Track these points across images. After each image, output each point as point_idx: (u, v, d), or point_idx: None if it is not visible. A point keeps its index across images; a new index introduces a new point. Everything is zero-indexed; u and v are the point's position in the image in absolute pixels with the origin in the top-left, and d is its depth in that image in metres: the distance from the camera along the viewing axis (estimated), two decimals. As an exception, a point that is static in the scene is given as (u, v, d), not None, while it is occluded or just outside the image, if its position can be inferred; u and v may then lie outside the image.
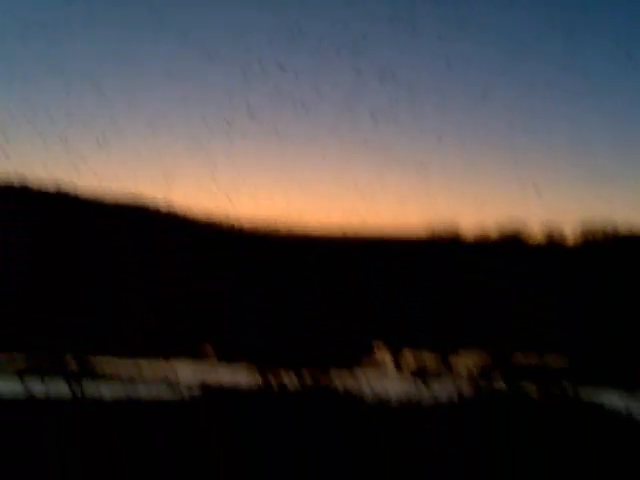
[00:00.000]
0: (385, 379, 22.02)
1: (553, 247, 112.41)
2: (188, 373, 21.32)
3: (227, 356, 26.23)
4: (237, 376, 21.22)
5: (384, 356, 28.42)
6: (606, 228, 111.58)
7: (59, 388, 16.03)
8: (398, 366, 25.28)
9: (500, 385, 21.38)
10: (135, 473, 10.49)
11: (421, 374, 23.05)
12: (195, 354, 26.38)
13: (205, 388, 18.73)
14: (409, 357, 28.58)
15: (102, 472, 10.30)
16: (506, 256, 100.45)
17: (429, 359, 28.06)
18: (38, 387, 16.43)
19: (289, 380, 17.58)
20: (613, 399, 19.00)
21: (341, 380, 18.60)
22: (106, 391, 17.19)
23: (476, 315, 44.36)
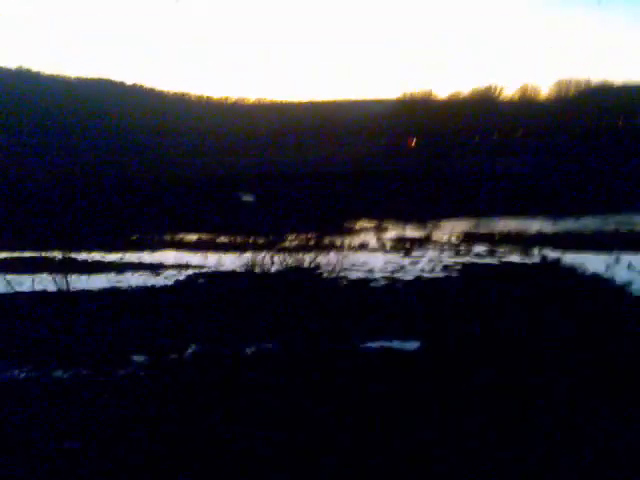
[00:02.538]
0: (369, 252, 22.27)
1: (527, 103, 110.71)
2: (172, 260, 21.41)
3: (211, 243, 26.33)
4: (222, 260, 21.32)
5: (367, 229, 28.70)
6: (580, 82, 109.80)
7: (46, 283, 16.02)
8: (381, 238, 25.51)
9: (482, 251, 21.77)
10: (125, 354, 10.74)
11: (403, 245, 23.29)
12: (179, 242, 26.44)
13: (190, 273, 18.91)
14: (392, 229, 28.92)
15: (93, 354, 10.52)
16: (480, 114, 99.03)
17: (411, 230, 28.42)
18: (27, 282, 16.40)
19: (273, 260, 17.75)
20: (595, 263, 19.35)
21: (324, 256, 18.83)
22: (93, 282, 17.31)
23: (457, 185, 44.56)
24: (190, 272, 19.01)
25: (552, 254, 21.06)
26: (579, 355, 10.45)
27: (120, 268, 19.60)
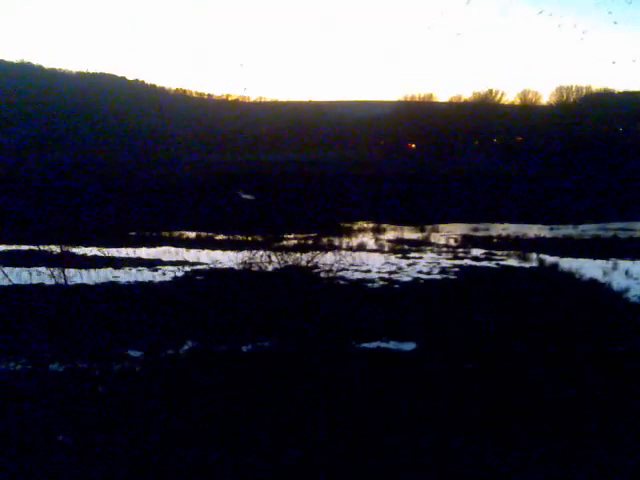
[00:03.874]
0: (367, 252, 22.27)
1: (527, 109, 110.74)
2: (170, 256, 21.39)
3: (209, 240, 26.32)
4: (219, 257, 21.31)
5: (366, 230, 28.72)
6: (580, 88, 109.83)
7: (44, 276, 16.01)
8: (379, 239, 25.53)
9: (480, 255, 21.77)
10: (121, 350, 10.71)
11: (402, 247, 23.31)
12: (177, 239, 26.44)
13: (187, 270, 18.88)
14: (390, 230, 28.93)
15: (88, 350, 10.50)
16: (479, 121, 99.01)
17: (409, 232, 28.44)
18: (24, 275, 16.40)
19: (271, 258, 17.75)
20: (592, 269, 19.36)
21: (322, 256, 18.82)
22: (91, 277, 17.28)
23: (456, 189, 44.58)
24: (188, 269, 19.00)
25: (550, 259, 21.08)
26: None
27: (118, 263, 19.57)
